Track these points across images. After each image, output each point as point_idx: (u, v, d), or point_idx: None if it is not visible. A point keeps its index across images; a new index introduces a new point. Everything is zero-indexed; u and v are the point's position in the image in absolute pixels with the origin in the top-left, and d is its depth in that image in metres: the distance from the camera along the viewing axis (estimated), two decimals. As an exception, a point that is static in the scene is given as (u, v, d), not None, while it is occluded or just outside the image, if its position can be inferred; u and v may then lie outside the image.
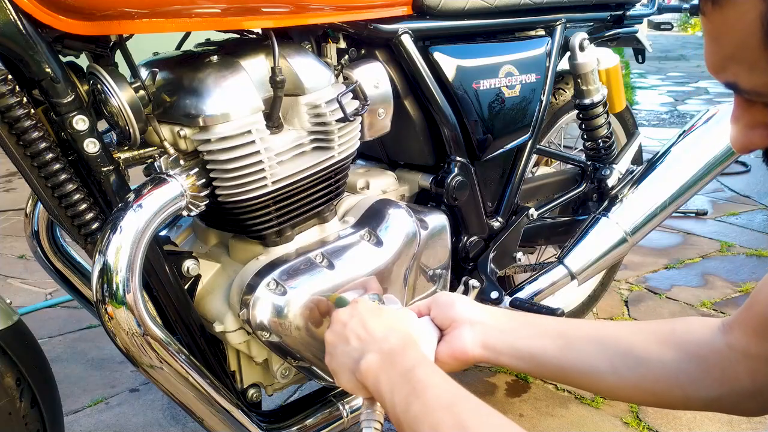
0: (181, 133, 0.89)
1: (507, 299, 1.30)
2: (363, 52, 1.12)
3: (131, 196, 0.85)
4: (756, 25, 0.40)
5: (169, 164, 0.89)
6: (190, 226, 1.15)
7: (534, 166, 1.71)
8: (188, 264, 1.00)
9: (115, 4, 0.79)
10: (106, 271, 0.81)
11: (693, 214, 2.89)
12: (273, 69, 0.92)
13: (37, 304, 2.19)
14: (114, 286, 0.81)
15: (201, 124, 0.88)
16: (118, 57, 0.90)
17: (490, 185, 1.37)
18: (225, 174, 0.90)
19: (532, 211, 1.43)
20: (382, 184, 1.22)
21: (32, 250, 1.23)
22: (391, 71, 1.14)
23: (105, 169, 0.86)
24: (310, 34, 1.05)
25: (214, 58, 0.92)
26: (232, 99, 0.89)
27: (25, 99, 0.79)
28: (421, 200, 1.29)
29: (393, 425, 0.67)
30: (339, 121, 0.98)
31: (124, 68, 0.89)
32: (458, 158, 1.23)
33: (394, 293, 1.07)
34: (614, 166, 1.58)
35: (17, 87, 0.78)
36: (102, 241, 0.82)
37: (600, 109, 1.52)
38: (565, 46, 1.44)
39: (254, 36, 1.06)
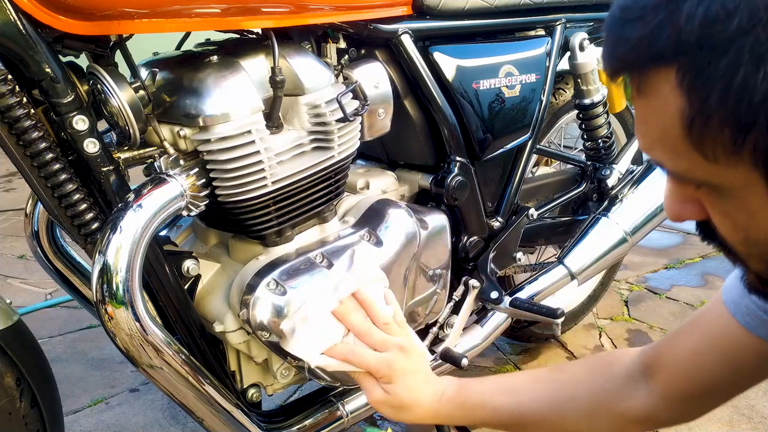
0: (181, 133, 0.89)
1: (507, 299, 1.30)
2: (363, 52, 1.12)
3: (131, 196, 0.85)
4: (676, 118, 0.41)
5: (169, 164, 0.89)
6: (190, 226, 1.15)
7: (534, 166, 1.71)
8: (188, 264, 1.00)
9: (115, 4, 0.79)
10: (106, 271, 0.81)
11: (693, 214, 2.89)
12: (273, 69, 0.92)
13: (37, 304, 2.19)
14: (114, 286, 0.81)
15: (201, 124, 0.88)
16: (118, 57, 0.90)
17: (490, 185, 1.37)
18: (225, 174, 0.90)
19: (532, 211, 1.43)
20: (382, 184, 1.22)
21: (32, 250, 1.23)
22: (391, 71, 1.14)
23: (105, 169, 0.86)
24: (310, 34, 1.05)
25: (214, 58, 0.92)
26: (232, 99, 0.89)
27: (25, 99, 0.79)
28: (421, 200, 1.29)
29: None
30: (339, 121, 0.98)
31: (124, 68, 0.89)
32: (458, 158, 1.23)
33: (394, 293, 1.07)
34: (614, 166, 1.58)
35: (17, 87, 0.78)
36: (102, 241, 0.82)
37: (600, 109, 1.52)
38: (565, 46, 1.44)
39: (254, 36, 1.06)
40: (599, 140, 1.57)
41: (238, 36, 1.08)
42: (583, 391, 0.76)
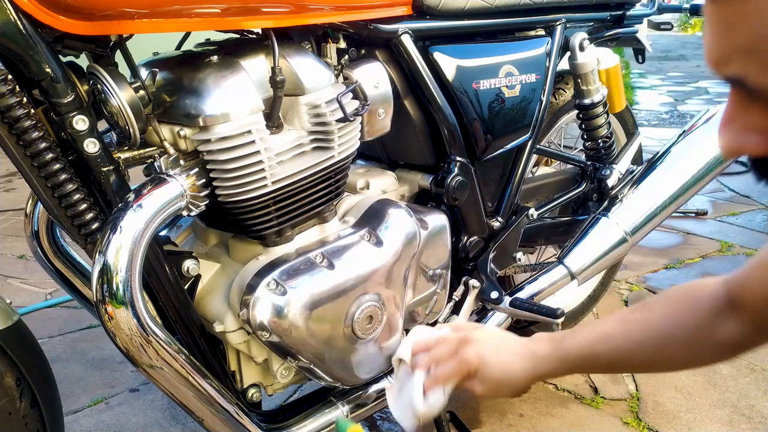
0: (181, 133, 0.89)
1: (507, 299, 1.30)
2: (363, 52, 1.12)
3: (131, 196, 0.85)
4: None
5: (169, 164, 0.89)
6: (190, 226, 1.15)
7: (534, 166, 1.71)
8: (188, 264, 1.00)
9: (115, 4, 0.79)
10: (106, 271, 0.81)
11: (693, 214, 2.89)
12: (273, 69, 0.92)
13: (37, 304, 2.19)
14: (114, 286, 0.81)
15: (201, 124, 0.88)
16: (118, 57, 0.90)
17: (490, 185, 1.37)
18: (225, 174, 0.90)
19: (532, 211, 1.43)
20: (382, 184, 1.22)
21: (32, 250, 1.23)
22: (391, 71, 1.14)
23: (105, 169, 0.86)
24: (310, 34, 1.05)
25: (214, 58, 0.92)
26: (232, 99, 0.89)
27: (25, 99, 0.79)
28: (421, 200, 1.29)
29: None
30: (339, 121, 0.98)
31: (124, 68, 0.89)
32: (458, 158, 1.23)
33: (394, 293, 1.07)
34: (614, 166, 1.58)
35: (17, 87, 0.78)
36: (102, 241, 0.82)
37: (600, 109, 1.53)
38: (565, 46, 1.44)
39: (254, 36, 1.06)
40: (599, 140, 1.57)
41: (238, 36, 1.08)
42: (677, 329, 0.78)
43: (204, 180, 0.91)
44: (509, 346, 0.85)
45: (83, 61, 0.89)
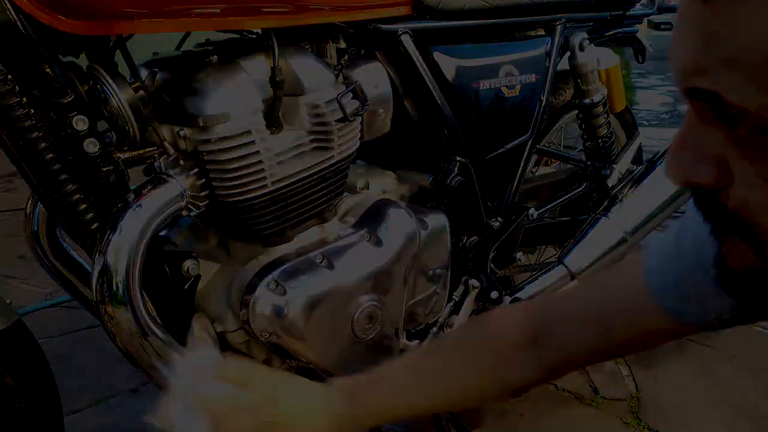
0: (181, 133, 0.89)
1: (507, 299, 1.30)
2: (363, 52, 1.12)
3: (131, 196, 0.86)
4: None
5: (169, 164, 0.89)
6: (190, 226, 1.14)
7: (534, 166, 1.71)
8: (188, 264, 0.99)
9: (115, 4, 0.79)
10: (106, 271, 0.81)
11: (693, 214, 2.89)
12: (273, 69, 0.92)
13: (38, 304, 2.19)
14: (114, 286, 0.81)
15: (201, 124, 0.88)
16: (118, 57, 0.90)
17: (490, 185, 1.37)
18: (225, 174, 0.90)
19: (532, 211, 1.43)
20: (382, 184, 1.22)
21: (32, 250, 1.23)
22: (391, 71, 1.14)
23: (105, 169, 0.86)
24: (310, 34, 1.05)
25: (214, 58, 0.92)
26: (231, 99, 0.89)
27: (25, 99, 0.79)
28: (421, 200, 1.29)
29: None
30: (339, 121, 0.98)
31: (124, 68, 0.89)
32: (458, 158, 1.23)
33: (394, 294, 1.07)
34: (614, 166, 1.58)
35: (17, 87, 0.78)
36: (102, 241, 0.82)
37: (600, 109, 1.53)
38: (565, 46, 1.44)
39: (254, 36, 1.06)
40: (599, 140, 1.57)
41: (238, 36, 1.08)
42: (472, 373, 0.72)
43: (204, 180, 0.91)
44: (302, 391, 0.70)
45: (83, 61, 0.89)
